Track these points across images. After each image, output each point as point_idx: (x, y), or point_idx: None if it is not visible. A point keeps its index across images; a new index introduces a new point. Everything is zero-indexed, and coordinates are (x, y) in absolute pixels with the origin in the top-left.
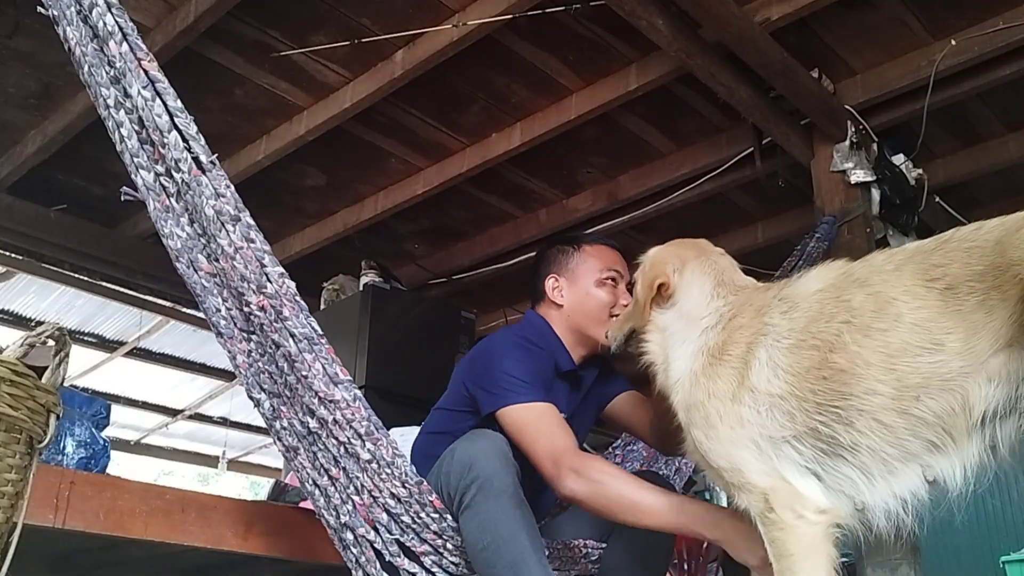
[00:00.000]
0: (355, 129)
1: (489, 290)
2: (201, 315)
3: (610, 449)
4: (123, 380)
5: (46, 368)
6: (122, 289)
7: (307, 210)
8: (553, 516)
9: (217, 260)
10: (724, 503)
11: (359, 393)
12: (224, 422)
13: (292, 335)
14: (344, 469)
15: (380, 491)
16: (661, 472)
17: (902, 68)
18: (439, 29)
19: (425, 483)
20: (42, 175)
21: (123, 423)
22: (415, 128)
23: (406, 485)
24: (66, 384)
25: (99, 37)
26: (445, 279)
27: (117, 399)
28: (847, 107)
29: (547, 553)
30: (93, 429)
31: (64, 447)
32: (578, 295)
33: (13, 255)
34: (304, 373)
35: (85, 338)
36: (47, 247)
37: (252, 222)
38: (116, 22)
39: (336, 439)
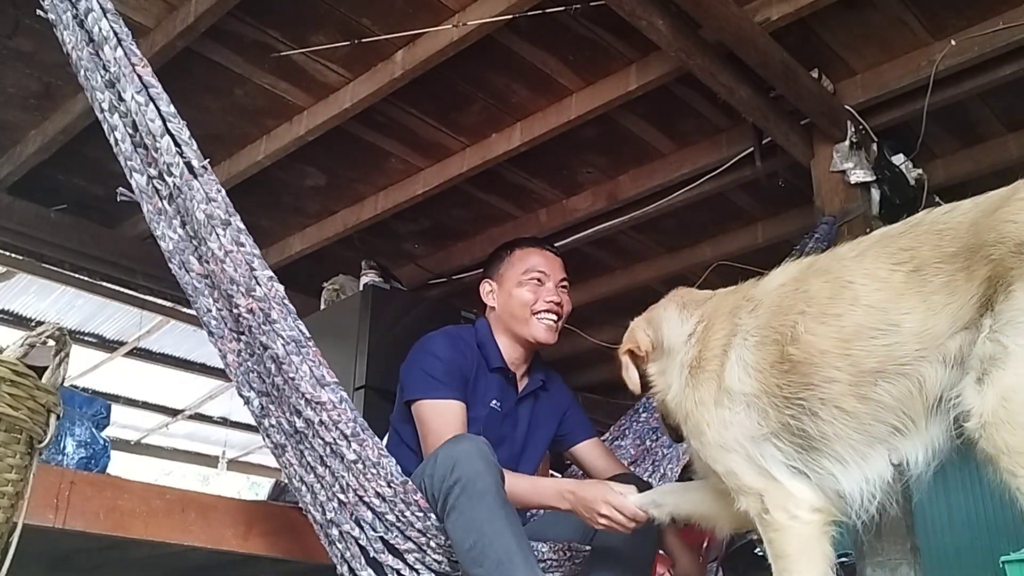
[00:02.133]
0: (355, 129)
1: None
2: None
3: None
4: (123, 380)
5: (46, 368)
6: (122, 289)
7: (307, 210)
8: (538, 516)
9: (208, 262)
10: None
11: (345, 395)
12: (224, 422)
13: (280, 337)
14: (330, 468)
15: (365, 490)
16: (646, 475)
17: (902, 68)
18: (439, 29)
19: (410, 483)
20: (42, 175)
21: (123, 423)
22: (415, 128)
23: (391, 484)
24: (66, 384)
25: (94, 41)
26: (445, 279)
27: (117, 399)
28: (847, 107)
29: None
30: (93, 429)
31: (64, 447)
32: (504, 297)
33: (13, 255)
34: (291, 375)
35: (85, 338)
36: (47, 247)
37: (242, 226)
38: (111, 27)
39: (322, 439)
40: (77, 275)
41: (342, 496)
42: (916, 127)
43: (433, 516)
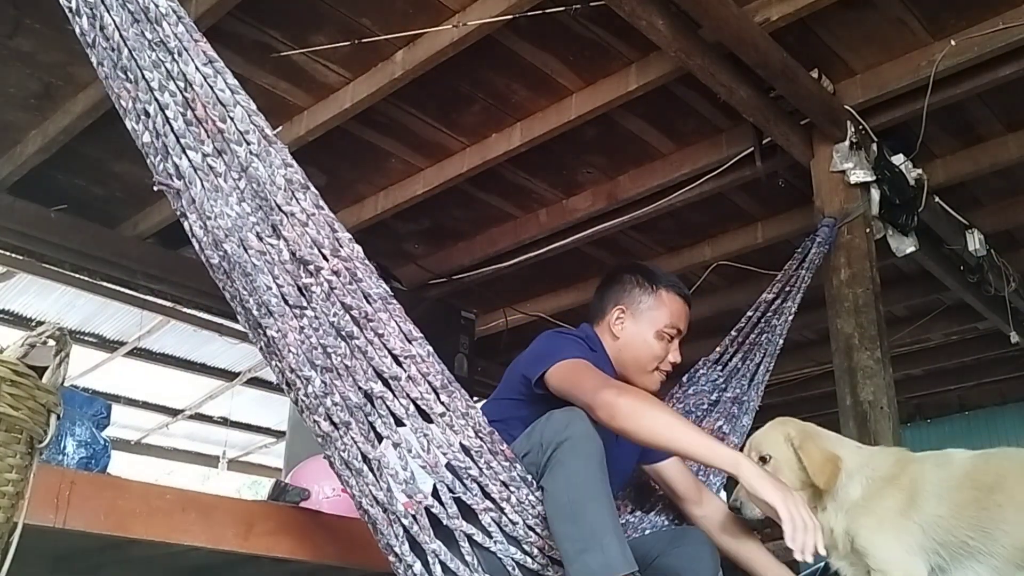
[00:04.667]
0: (355, 129)
1: (489, 290)
2: (201, 315)
3: None
4: (123, 380)
5: (47, 368)
6: (122, 289)
7: None
8: None
9: (273, 236)
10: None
11: (431, 348)
12: (224, 422)
13: (367, 296)
14: (409, 429)
15: (451, 444)
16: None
17: (902, 68)
18: (439, 29)
19: (496, 433)
20: (42, 175)
21: (123, 423)
22: (415, 128)
23: (479, 435)
24: (66, 384)
25: (142, 21)
26: (445, 279)
27: (117, 399)
28: (847, 107)
29: None
30: (94, 429)
31: (65, 447)
32: (635, 336)
33: (13, 255)
34: (380, 331)
35: (85, 338)
36: (47, 247)
37: (317, 191)
38: (168, 5)
39: (408, 395)
40: (77, 275)
41: (417, 461)
42: (916, 127)
43: (519, 466)
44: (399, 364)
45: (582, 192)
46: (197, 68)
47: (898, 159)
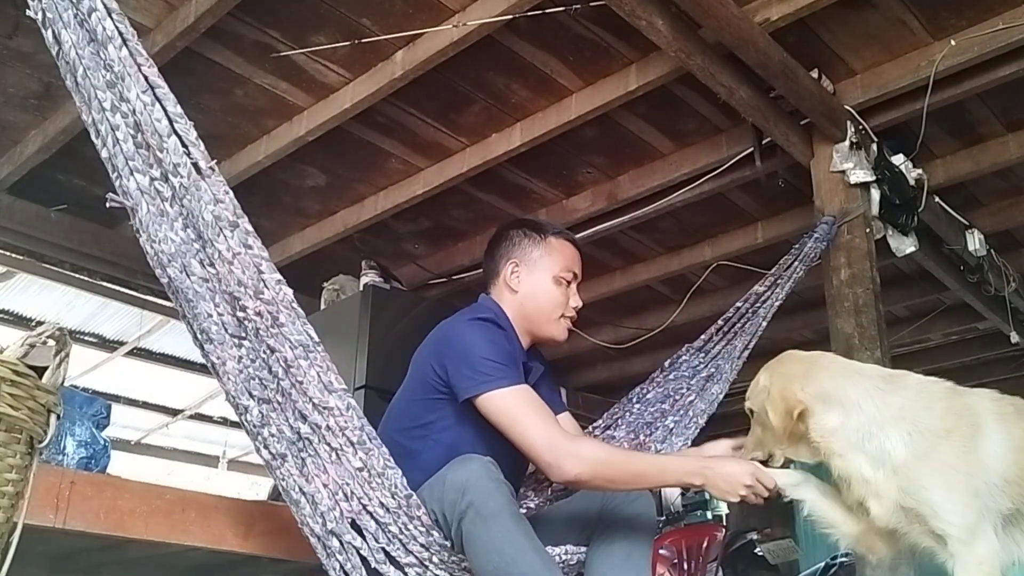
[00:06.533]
0: (355, 129)
1: None
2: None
3: (589, 429)
4: (123, 380)
5: (46, 368)
6: (122, 289)
7: (307, 210)
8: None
9: (212, 265)
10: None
11: (353, 402)
12: (224, 422)
13: (288, 341)
14: (335, 476)
15: (369, 499)
16: None
17: (902, 68)
18: (439, 29)
19: (415, 496)
20: (42, 175)
21: (123, 423)
22: (415, 128)
23: (395, 496)
24: (66, 384)
25: (96, 41)
26: (445, 279)
27: (117, 399)
28: (847, 107)
29: None
30: (94, 429)
31: (64, 447)
32: (533, 286)
33: (13, 255)
34: (299, 379)
35: (85, 338)
36: (47, 247)
37: (250, 228)
38: (116, 27)
39: (328, 445)
40: (77, 275)
41: (345, 505)
42: (916, 127)
43: (436, 533)
44: (319, 413)
45: (582, 192)
46: (138, 95)
47: (898, 159)
